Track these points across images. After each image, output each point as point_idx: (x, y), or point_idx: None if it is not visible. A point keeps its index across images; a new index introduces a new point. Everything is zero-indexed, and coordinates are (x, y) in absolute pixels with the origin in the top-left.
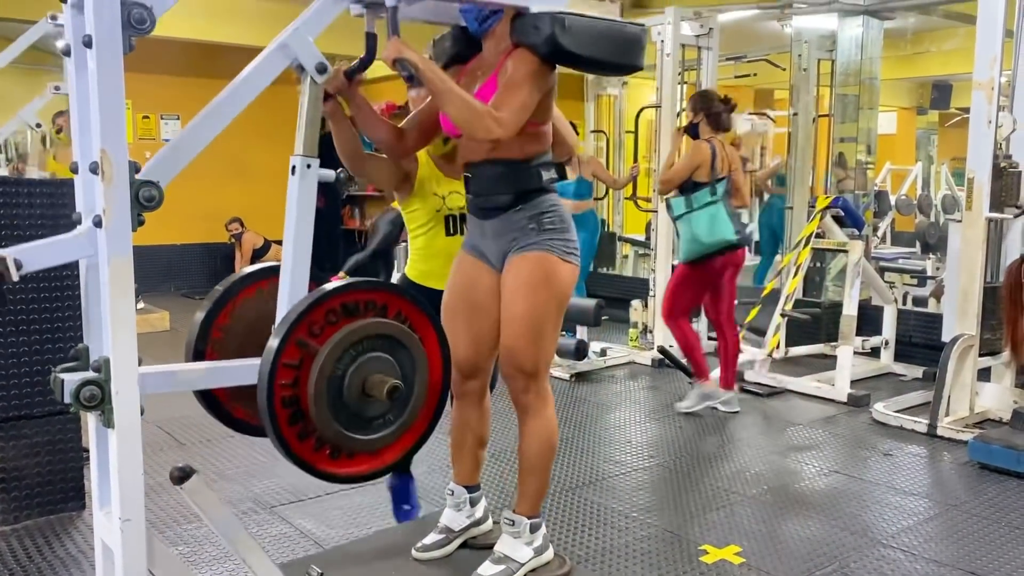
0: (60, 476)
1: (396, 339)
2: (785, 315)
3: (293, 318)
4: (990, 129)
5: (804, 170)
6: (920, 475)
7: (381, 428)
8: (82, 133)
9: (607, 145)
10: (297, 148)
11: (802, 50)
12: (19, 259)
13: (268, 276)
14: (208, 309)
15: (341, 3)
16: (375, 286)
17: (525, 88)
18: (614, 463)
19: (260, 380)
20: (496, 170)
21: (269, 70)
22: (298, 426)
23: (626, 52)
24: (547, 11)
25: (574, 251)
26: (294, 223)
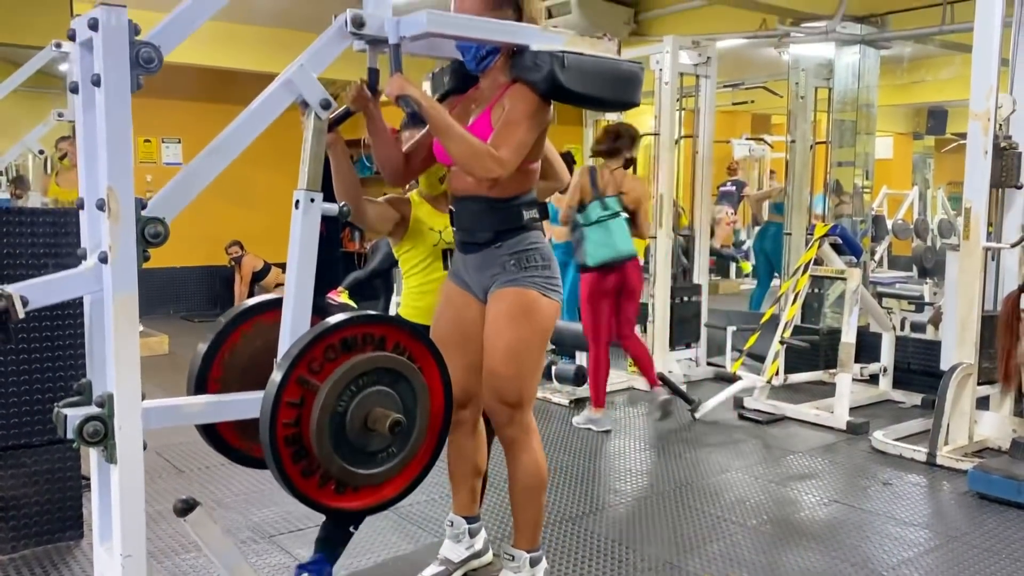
0: (59, 505)
1: (396, 372)
2: (784, 342)
3: (293, 356)
4: (987, 159)
5: (802, 196)
6: (920, 505)
7: (385, 461)
8: (88, 169)
9: None
10: (301, 183)
11: (799, 78)
12: (25, 296)
13: (269, 309)
14: (210, 342)
15: (344, 40)
16: (372, 319)
17: (523, 126)
18: (614, 492)
19: (262, 420)
20: (478, 206)
21: (274, 106)
22: (302, 464)
23: (624, 89)
24: (546, 49)
25: (555, 287)
26: (297, 257)
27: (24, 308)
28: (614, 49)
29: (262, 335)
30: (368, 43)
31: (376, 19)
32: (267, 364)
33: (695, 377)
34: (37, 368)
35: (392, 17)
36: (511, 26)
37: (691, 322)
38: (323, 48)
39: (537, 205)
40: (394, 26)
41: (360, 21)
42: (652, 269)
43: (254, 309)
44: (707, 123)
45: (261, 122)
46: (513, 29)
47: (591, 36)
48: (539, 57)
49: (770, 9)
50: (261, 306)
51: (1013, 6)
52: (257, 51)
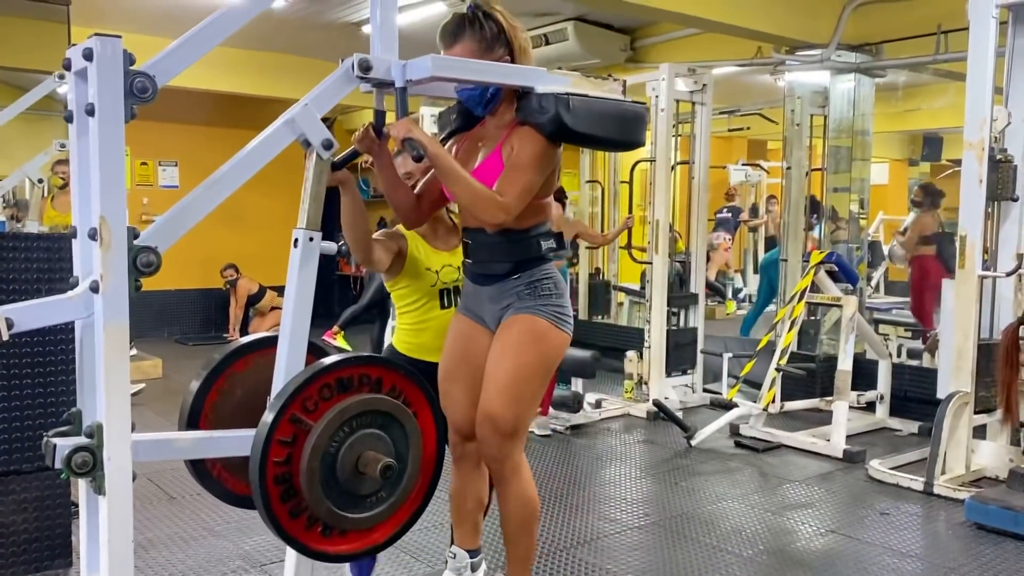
0: (48, 533)
1: (390, 415)
2: (780, 369)
3: (288, 393)
4: (981, 188)
5: (798, 223)
6: (917, 536)
7: (374, 506)
8: (81, 197)
9: (602, 195)
10: (300, 222)
11: (795, 105)
12: (11, 318)
13: (263, 347)
14: (203, 379)
15: (351, 83)
16: (369, 361)
17: (531, 171)
18: (609, 521)
19: (252, 457)
20: (495, 239)
21: (275, 144)
22: (290, 503)
23: (628, 130)
24: (552, 92)
25: (566, 319)
26: (294, 295)
27: (9, 330)
28: (619, 90)
29: (255, 373)
30: (374, 86)
31: (383, 63)
32: (258, 403)
33: (691, 404)
34: (28, 395)
35: (399, 61)
36: (516, 69)
37: (687, 348)
38: (328, 89)
39: (555, 236)
40: (400, 70)
41: (367, 65)
42: (648, 293)
43: (247, 347)
44: (703, 149)
45: (261, 159)
46: (519, 72)
47: (596, 77)
48: (544, 99)
49: (765, 37)
50: (255, 344)
51: (1006, 36)
52: (255, 75)
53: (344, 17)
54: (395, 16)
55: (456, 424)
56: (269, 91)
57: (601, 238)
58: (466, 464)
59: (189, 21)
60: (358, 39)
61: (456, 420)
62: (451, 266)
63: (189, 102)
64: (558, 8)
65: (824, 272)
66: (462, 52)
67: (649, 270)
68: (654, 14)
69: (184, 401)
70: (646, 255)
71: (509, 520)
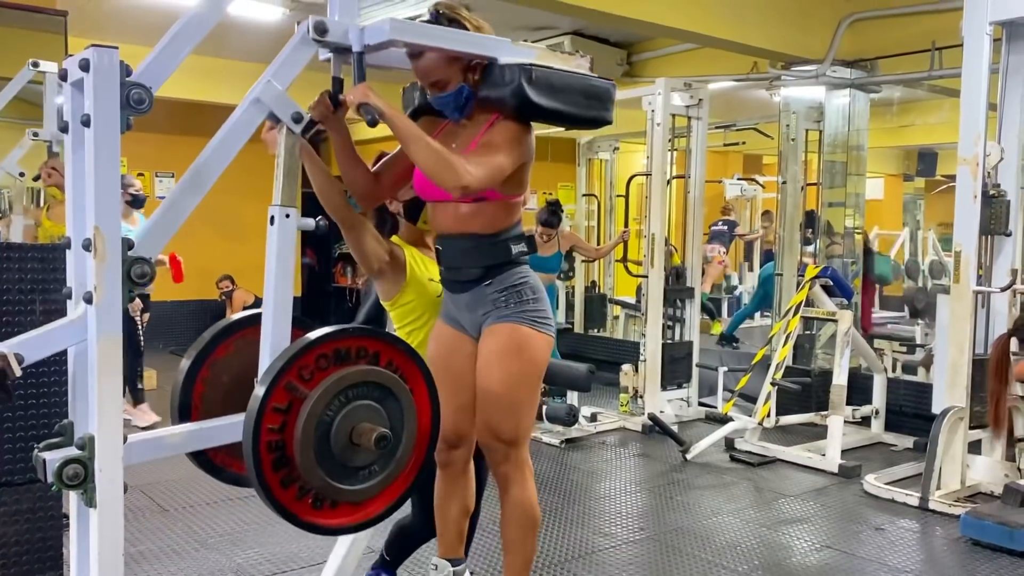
0: (39, 545)
1: (387, 388)
2: (776, 384)
3: (284, 361)
4: (976, 203)
5: (793, 238)
6: (912, 551)
7: (366, 479)
8: (76, 208)
9: (598, 208)
10: (275, 198)
11: (790, 120)
12: (20, 353)
13: (249, 326)
14: (191, 361)
15: (308, 49)
16: (368, 333)
17: (503, 151)
18: (604, 535)
19: (246, 423)
20: (465, 244)
21: (246, 126)
22: (282, 472)
23: (595, 105)
24: (515, 63)
25: (546, 321)
26: (274, 271)
27: (20, 366)
28: (586, 66)
29: (239, 356)
30: (332, 52)
31: (340, 26)
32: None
33: (686, 417)
34: (20, 405)
35: (356, 25)
36: (479, 38)
37: (683, 362)
38: (288, 59)
39: (526, 239)
40: (358, 34)
41: (323, 28)
42: (644, 306)
43: (233, 326)
44: (699, 164)
45: (234, 146)
46: (481, 41)
47: (563, 52)
48: (508, 70)
49: (761, 53)
50: (241, 323)
51: (1000, 53)
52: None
53: None
54: None
55: (442, 433)
56: None
57: (595, 251)
58: (451, 471)
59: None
60: None
61: (443, 428)
62: None
63: (186, 113)
64: (555, 23)
65: (819, 287)
66: (429, 63)
67: (645, 283)
68: (651, 29)
69: (172, 396)
70: (642, 268)
71: (509, 526)
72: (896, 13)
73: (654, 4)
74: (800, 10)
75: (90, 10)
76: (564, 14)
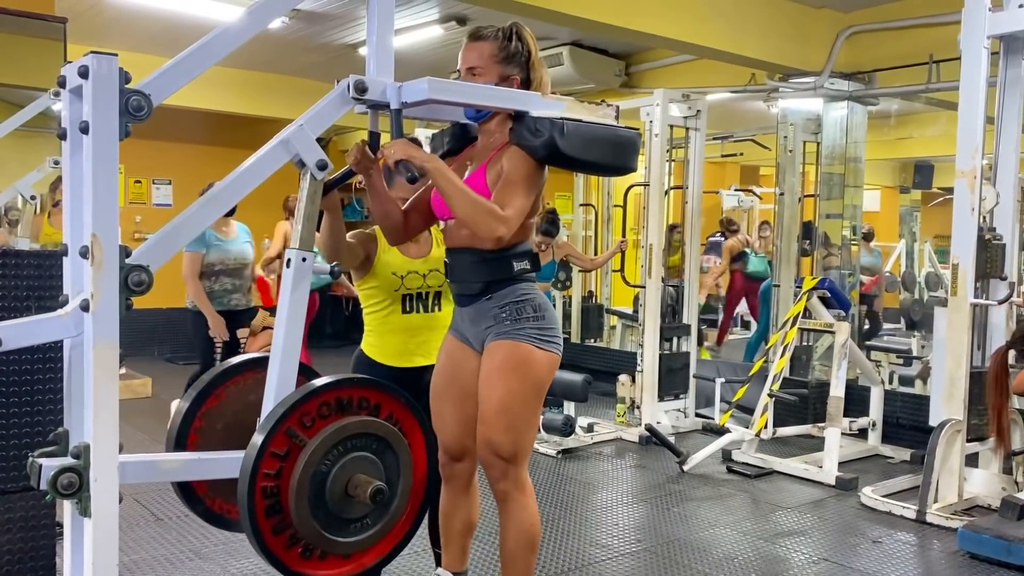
0: (31, 554)
1: (386, 441)
2: (773, 395)
3: (287, 407)
4: (973, 216)
5: (790, 249)
6: (910, 565)
7: (358, 532)
8: (73, 215)
9: (595, 219)
10: (293, 242)
11: (788, 132)
12: (0, 336)
13: (252, 368)
14: (191, 401)
15: (345, 104)
16: (370, 384)
17: (523, 189)
18: (600, 547)
19: (244, 465)
20: (469, 259)
21: (269, 164)
22: (275, 519)
23: (621, 155)
24: (546, 116)
25: (551, 338)
26: (286, 314)
27: None
28: (612, 115)
29: (241, 397)
30: (369, 107)
31: (378, 85)
32: (245, 426)
33: (683, 428)
34: (14, 413)
35: (394, 83)
36: (511, 93)
37: (679, 373)
38: (323, 110)
39: (529, 256)
40: (396, 92)
41: (362, 87)
42: (642, 316)
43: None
44: (696, 175)
45: (255, 179)
46: (513, 96)
47: (589, 103)
48: (539, 123)
49: (759, 64)
50: (241, 366)
51: (998, 67)
52: (251, 95)
53: (340, 39)
54: (391, 38)
55: (446, 445)
56: (265, 111)
57: (591, 261)
58: (455, 485)
59: (186, 40)
60: (354, 60)
61: (446, 441)
62: (416, 272)
63: (184, 121)
64: (554, 33)
65: (817, 298)
66: (479, 51)
67: (642, 294)
68: (650, 40)
69: (171, 424)
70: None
71: (508, 542)
72: (894, 26)
73: (653, 15)
74: (798, 22)
75: (90, 17)
76: (564, 25)
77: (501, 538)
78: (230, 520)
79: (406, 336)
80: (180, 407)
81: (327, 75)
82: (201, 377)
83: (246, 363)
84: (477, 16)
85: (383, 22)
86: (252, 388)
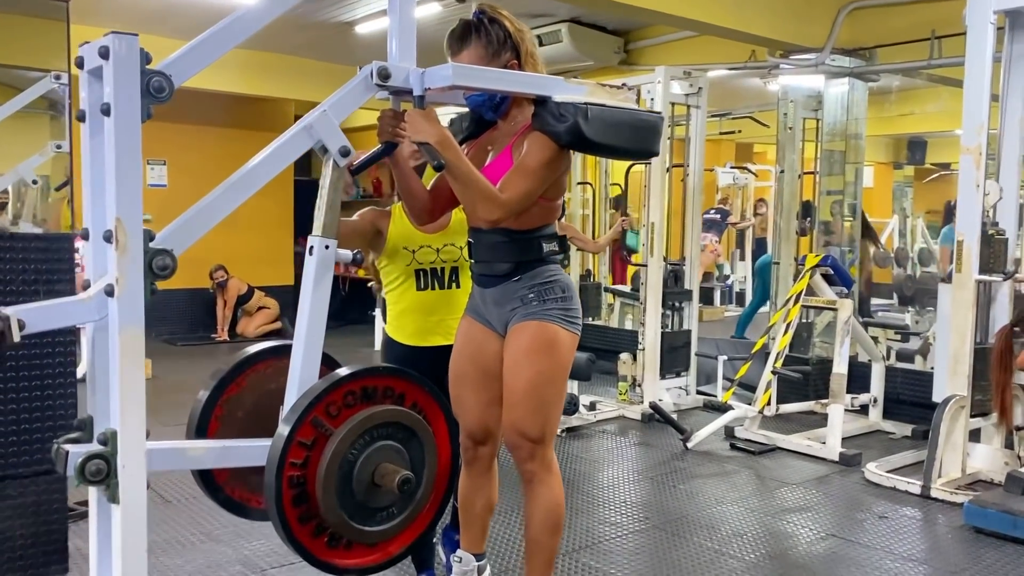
0: (44, 538)
1: (411, 430)
2: (776, 372)
3: (314, 396)
4: (978, 192)
5: (790, 227)
6: (917, 539)
7: (384, 521)
8: (95, 199)
9: (593, 197)
10: (316, 229)
11: (788, 109)
12: (23, 319)
13: (273, 356)
14: (211, 389)
15: (369, 91)
16: (395, 373)
17: (537, 175)
18: (609, 524)
19: (271, 456)
20: (497, 239)
21: (292, 149)
22: (301, 508)
23: (644, 139)
24: (570, 101)
25: (574, 319)
26: (309, 302)
27: (21, 332)
28: (633, 99)
29: (262, 385)
30: (391, 93)
31: (401, 71)
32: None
33: (684, 406)
34: (24, 398)
35: (417, 69)
36: (535, 78)
37: (681, 350)
38: (346, 96)
39: (557, 239)
40: (419, 78)
41: (386, 73)
42: (643, 295)
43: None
44: (697, 152)
45: (278, 164)
46: (537, 80)
47: (610, 87)
48: (563, 108)
49: (760, 40)
50: (263, 353)
51: (1002, 42)
52: (245, 74)
53: (336, 17)
54: (413, 24)
55: (468, 428)
56: (259, 90)
57: (593, 245)
58: (477, 467)
59: (186, 18)
60: (350, 39)
61: (468, 424)
62: (430, 247)
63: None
64: (552, 10)
65: (820, 275)
66: (469, 58)
67: (643, 272)
68: (650, 16)
69: (192, 412)
70: (640, 257)
71: (534, 524)
72: (896, 2)
73: None
74: None
75: None
76: (563, 1)
77: (526, 519)
78: (250, 508)
79: (423, 314)
80: (201, 395)
81: (323, 54)
82: (220, 367)
83: (266, 351)
84: None
85: (405, 6)
86: (272, 376)
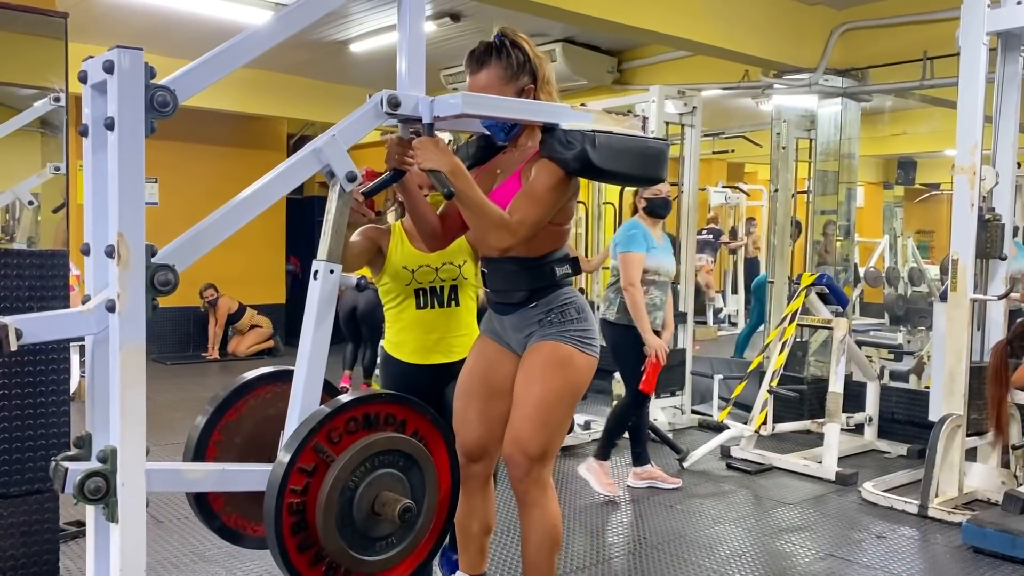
0: (35, 559)
1: (412, 458)
2: (772, 391)
3: (316, 422)
4: (973, 211)
5: (784, 245)
6: (915, 559)
7: (383, 551)
8: (96, 214)
9: (586, 216)
10: (320, 253)
11: (781, 129)
12: (20, 328)
13: (272, 382)
14: (209, 414)
15: (379, 118)
16: (397, 400)
17: (544, 201)
18: (607, 545)
19: (271, 482)
20: (510, 268)
21: (300, 171)
22: (300, 536)
23: (651, 166)
24: (578, 128)
25: (591, 341)
26: (312, 327)
27: (17, 341)
28: (639, 126)
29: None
30: (401, 120)
31: (411, 99)
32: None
33: (680, 425)
34: (16, 416)
35: (426, 97)
36: (541, 106)
37: (676, 369)
38: (356, 122)
39: (569, 261)
40: (428, 106)
41: (395, 102)
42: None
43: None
44: (691, 171)
45: (286, 184)
46: (543, 108)
47: (616, 114)
48: (570, 136)
49: (753, 61)
50: (264, 378)
51: (995, 64)
52: (238, 93)
53: (331, 35)
54: (423, 52)
55: (465, 445)
56: (253, 108)
57: (586, 263)
58: (472, 486)
59: (184, 37)
60: (344, 57)
61: (466, 440)
62: (429, 267)
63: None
64: (546, 29)
65: (815, 294)
66: (487, 78)
67: None
68: (643, 36)
69: (190, 437)
70: None
71: (530, 544)
72: (888, 23)
73: (647, 11)
74: (792, 19)
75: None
76: (557, 20)
77: (523, 541)
78: (245, 536)
79: (422, 332)
80: (199, 420)
81: (318, 72)
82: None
83: (266, 376)
84: (471, 11)
85: (414, 35)
86: (271, 402)
